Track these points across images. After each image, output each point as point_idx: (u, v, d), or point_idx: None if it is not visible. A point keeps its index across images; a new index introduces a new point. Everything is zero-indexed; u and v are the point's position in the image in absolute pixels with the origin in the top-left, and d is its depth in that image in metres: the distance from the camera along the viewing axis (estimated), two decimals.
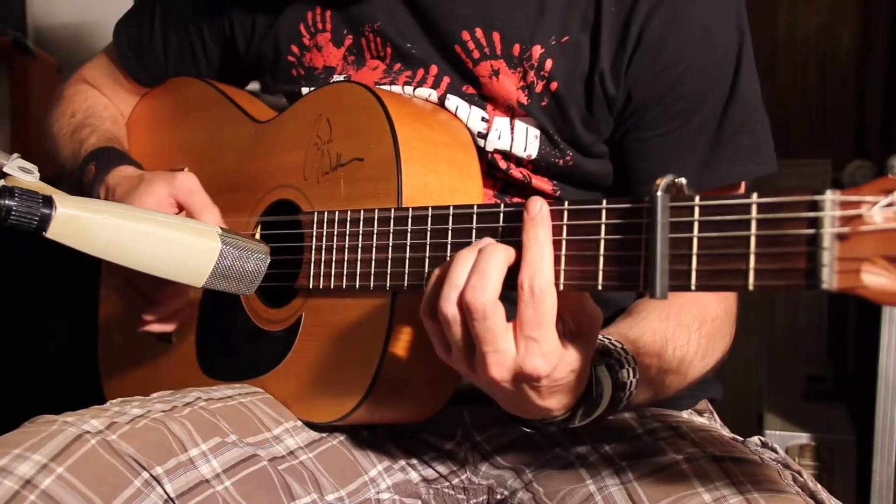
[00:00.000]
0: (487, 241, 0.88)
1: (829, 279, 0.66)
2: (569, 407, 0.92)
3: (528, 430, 0.98)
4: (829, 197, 0.67)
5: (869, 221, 0.64)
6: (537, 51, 1.13)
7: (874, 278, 0.65)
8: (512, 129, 1.16)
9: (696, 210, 0.74)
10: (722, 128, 1.12)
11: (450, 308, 0.86)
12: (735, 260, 0.71)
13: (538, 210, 0.84)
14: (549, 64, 1.13)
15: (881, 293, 0.64)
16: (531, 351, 0.83)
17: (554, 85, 1.13)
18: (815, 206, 0.67)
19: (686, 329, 1.07)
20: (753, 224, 0.71)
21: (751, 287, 0.70)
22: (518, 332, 0.84)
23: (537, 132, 1.16)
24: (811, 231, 0.68)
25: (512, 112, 1.16)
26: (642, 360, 1.00)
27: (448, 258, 0.96)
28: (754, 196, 0.71)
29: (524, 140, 1.16)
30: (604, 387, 0.94)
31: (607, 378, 0.94)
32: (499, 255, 0.85)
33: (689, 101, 1.11)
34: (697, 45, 1.11)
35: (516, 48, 1.14)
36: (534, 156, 1.16)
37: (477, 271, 0.84)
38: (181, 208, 1.18)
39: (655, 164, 1.13)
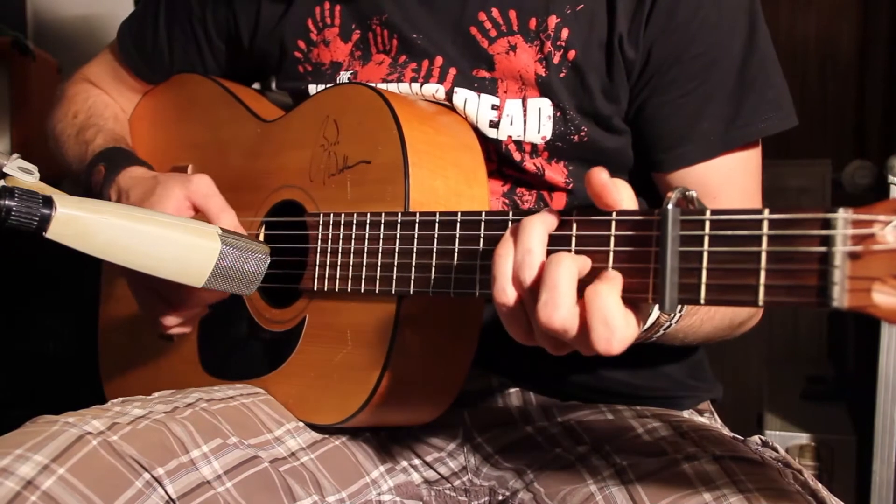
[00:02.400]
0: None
1: (840, 297, 0.66)
2: None
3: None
4: (842, 215, 0.67)
5: (881, 241, 0.64)
6: (553, 20, 1.12)
7: (885, 298, 0.65)
8: (525, 111, 1.15)
9: (707, 224, 0.74)
10: (743, 84, 1.11)
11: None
12: (745, 275, 0.71)
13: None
14: (565, 33, 1.12)
15: (892, 312, 0.64)
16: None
17: (572, 54, 1.12)
18: (828, 223, 0.67)
19: None
20: (765, 240, 0.70)
21: (760, 303, 0.70)
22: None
23: (550, 111, 1.14)
24: (823, 249, 0.68)
25: (525, 91, 1.15)
26: None
27: (454, 264, 0.96)
28: (766, 212, 0.71)
29: (537, 121, 1.14)
30: None
31: None
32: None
33: (706, 59, 1.10)
34: (708, 2, 1.10)
35: (532, 22, 1.13)
36: (548, 136, 1.15)
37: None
38: (196, 210, 1.18)
39: (680, 125, 1.12)
